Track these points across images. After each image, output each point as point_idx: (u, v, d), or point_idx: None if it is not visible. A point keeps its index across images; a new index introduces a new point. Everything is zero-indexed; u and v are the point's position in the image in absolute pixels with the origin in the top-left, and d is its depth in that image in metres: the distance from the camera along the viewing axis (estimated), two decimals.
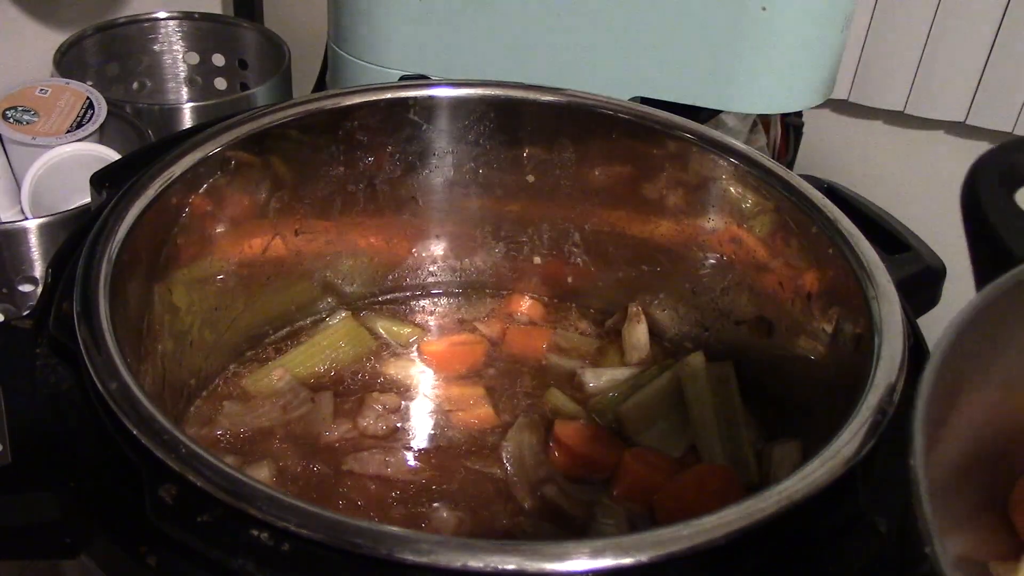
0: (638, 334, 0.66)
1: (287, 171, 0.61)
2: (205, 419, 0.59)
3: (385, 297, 0.70)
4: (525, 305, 0.70)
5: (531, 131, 0.64)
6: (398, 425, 0.60)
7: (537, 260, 0.69)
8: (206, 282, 0.59)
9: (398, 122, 0.63)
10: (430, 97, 0.63)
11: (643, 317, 0.66)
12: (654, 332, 0.67)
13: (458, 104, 0.63)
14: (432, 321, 0.69)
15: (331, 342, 0.65)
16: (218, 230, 0.59)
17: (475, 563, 0.34)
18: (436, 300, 0.71)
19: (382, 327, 0.67)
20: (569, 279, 0.69)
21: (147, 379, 0.53)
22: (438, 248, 0.69)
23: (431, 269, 0.70)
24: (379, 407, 0.61)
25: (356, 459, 0.58)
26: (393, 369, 0.65)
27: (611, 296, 0.68)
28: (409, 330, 0.68)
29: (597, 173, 0.65)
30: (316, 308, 0.67)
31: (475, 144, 0.65)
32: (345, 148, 0.62)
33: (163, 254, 0.54)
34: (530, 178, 0.66)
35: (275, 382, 0.62)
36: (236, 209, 0.59)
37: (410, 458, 0.58)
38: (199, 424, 0.59)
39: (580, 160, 0.65)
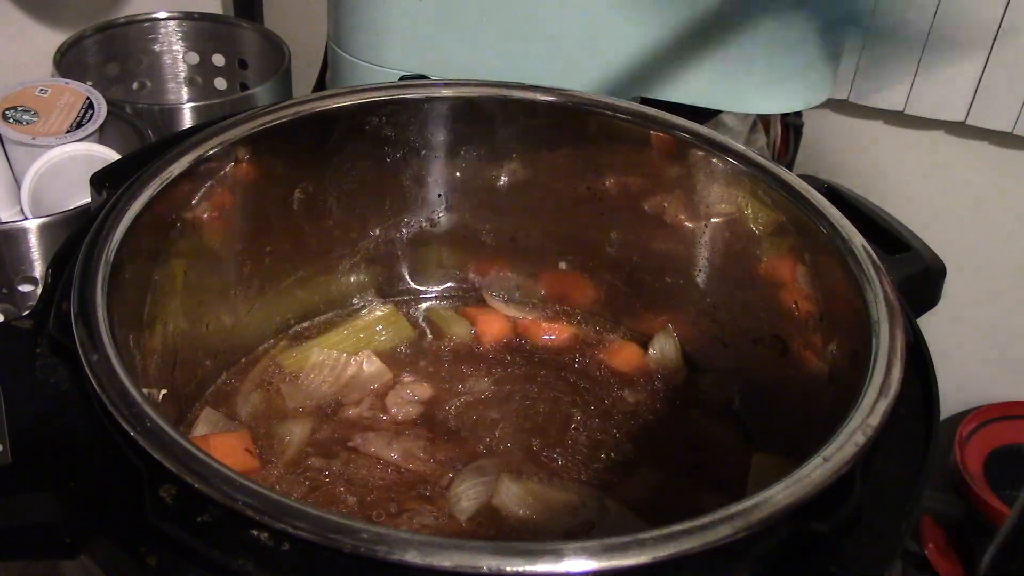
0: (666, 345, 0.66)
1: (286, 171, 0.61)
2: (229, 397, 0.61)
3: (389, 299, 0.70)
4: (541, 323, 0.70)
5: (534, 132, 0.64)
6: (421, 413, 0.61)
7: (563, 265, 0.69)
8: (217, 275, 0.60)
9: (398, 122, 0.63)
10: (430, 97, 0.63)
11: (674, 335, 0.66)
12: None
13: (458, 104, 0.63)
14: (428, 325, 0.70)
15: (369, 326, 0.67)
16: (221, 227, 0.59)
17: (474, 564, 0.34)
18: (443, 302, 0.71)
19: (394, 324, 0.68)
20: (590, 288, 0.69)
21: (153, 363, 0.53)
22: (437, 249, 0.69)
23: (431, 272, 0.70)
24: (409, 393, 0.62)
25: (363, 437, 0.59)
26: (425, 363, 0.66)
27: (638, 311, 0.69)
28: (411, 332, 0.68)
29: (602, 175, 0.65)
30: (341, 302, 0.68)
31: (475, 144, 0.65)
32: (345, 149, 0.62)
33: (165, 250, 0.55)
34: (551, 182, 0.66)
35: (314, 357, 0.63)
36: (234, 208, 0.59)
37: (418, 448, 0.59)
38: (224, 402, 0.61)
39: (579, 161, 0.65)
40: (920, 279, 0.54)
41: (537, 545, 0.35)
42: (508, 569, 0.34)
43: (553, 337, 0.68)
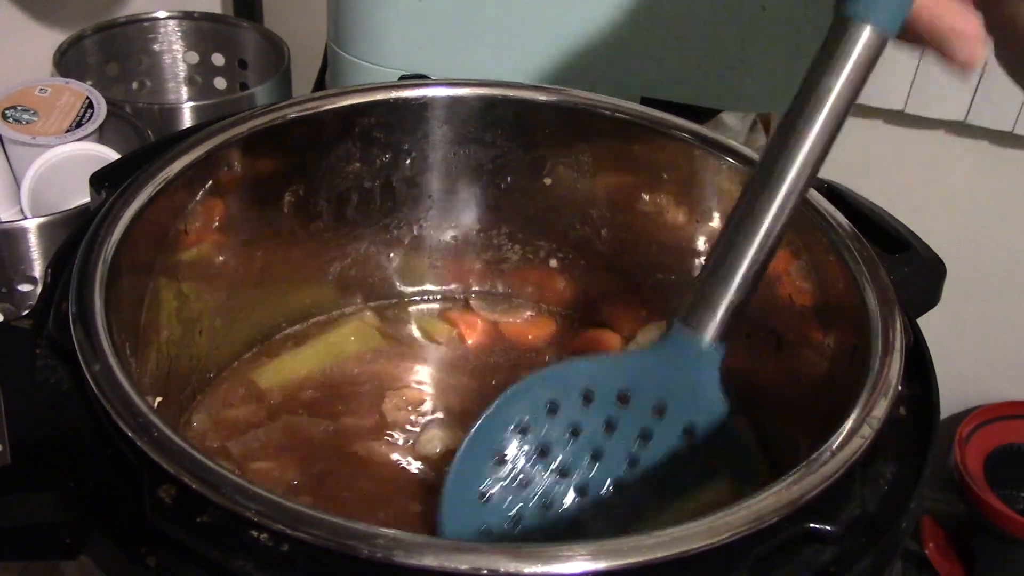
0: (652, 336, 0.66)
1: (286, 171, 0.61)
2: (215, 405, 0.61)
3: (391, 300, 0.70)
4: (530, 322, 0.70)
5: (531, 131, 0.64)
6: (414, 420, 0.61)
7: (553, 264, 0.69)
8: (210, 278, 0.60)
9: (397, 122, 0.63)
10: (430, 97, 0.63)
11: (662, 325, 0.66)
12: None
13: (458, 104, 0.63)
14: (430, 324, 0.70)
15: (340, 339, 0.66)
16: (217, 228, 0.59)
17: (472, 565, 0.35)
18: (434, 305, 0.71)
19: (394, 327, 0.68)
20: (580, 287, 0.69)
21: (148, 371, 0.53)
22: (437, 250, 0.69)
23: (420, 275, 0.70)
24: (403, 399, 0.62)
25: (366, 446, 0.59)
26: (403, 370, 0.65)
27: (629, 306, 0.68)
28: (418, 331, 0.68)
29: (597, 174, 0.65)
30: (332, 306, 0.68)
31: (474, 144, 0.65)
32: (343, 149, 0.62)
33: (162, 252, 0.55)
34: (547, 181, 0.66)
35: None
36: (233, 208, 0.59)
37: (413, 455, 0.59)
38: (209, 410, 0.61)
39: (580, 161, 0.65)
40: (920, 279, 0.54)
41: (549, 548, 0.36)
42: (525, 570, 0.35)
43: (535, 336, 0.68)
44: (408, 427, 0.61)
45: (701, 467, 0.49)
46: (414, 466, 0.58)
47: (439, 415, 0.62)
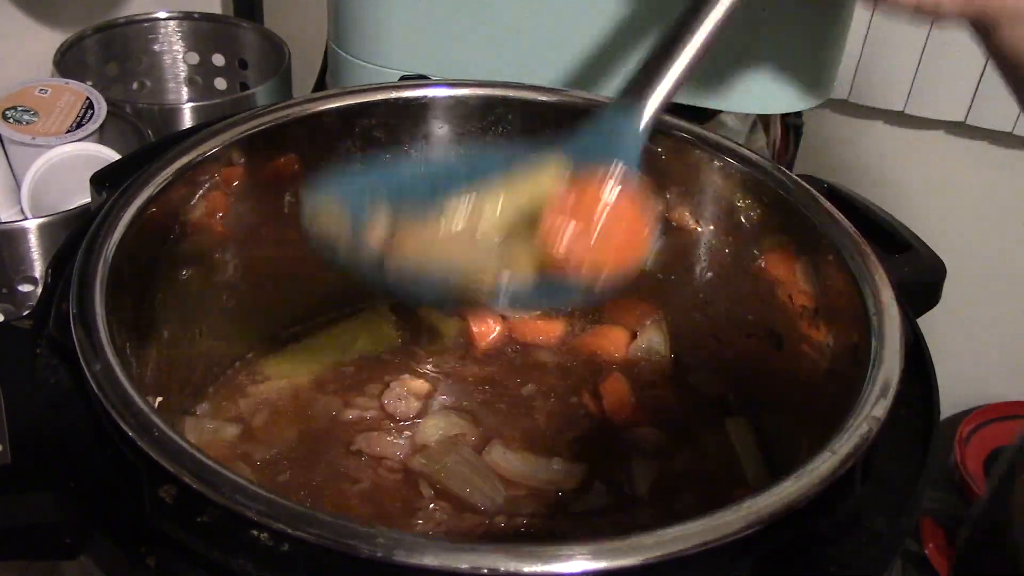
0: (654, 337, 0.67)
1: (286, 172, 0.61)
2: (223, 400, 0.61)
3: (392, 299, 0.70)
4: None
5: (531, 132, 0.64)
6: (419, 411, 0.62)
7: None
8: (211, 278, 0.60)
9: (398, 122, 0.63)
10: (430, 97, 0.63)
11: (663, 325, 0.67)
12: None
13: (458, 104, 0.63)
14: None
15: (346, 333, 0.66)
16: (217, 229, 0.59)
17: (473, 565, 0.35)
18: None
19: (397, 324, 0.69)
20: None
21: (148, 371, 0.53)
22: None
23: None
24: (406, 391, 0.62)
25: (366, 438, 0.59)
26: (408, 363, 0.66)
27: (630, 306, 0.69)
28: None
29: None
30: (333, 305, 0.68)
31: (471, 145, 0.65)
32: (344, 149, 0.62)
33: (162, 252, 0.55)
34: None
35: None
36: (234, 208, 0.59)
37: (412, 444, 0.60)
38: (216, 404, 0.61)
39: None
40: (920, 279, 0.54)
41: (549, 547, 0.36)
42: (525, 570, 0.35)
43: (544, 336, 0.69)
44: (409, 417, 0.61)
45: None
46: (415, 458, 0.58)
47: (441, 405, 0.62)
